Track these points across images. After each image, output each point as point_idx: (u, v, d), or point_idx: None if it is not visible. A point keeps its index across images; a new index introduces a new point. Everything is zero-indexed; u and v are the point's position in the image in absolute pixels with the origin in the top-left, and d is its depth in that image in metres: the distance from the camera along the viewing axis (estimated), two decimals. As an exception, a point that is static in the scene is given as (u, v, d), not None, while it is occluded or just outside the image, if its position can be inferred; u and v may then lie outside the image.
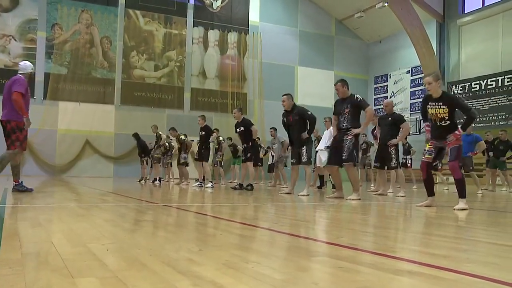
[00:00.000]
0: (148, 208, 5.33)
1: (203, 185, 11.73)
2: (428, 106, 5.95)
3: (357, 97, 7.46)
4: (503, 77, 20.24)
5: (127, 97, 22.31)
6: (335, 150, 7.60)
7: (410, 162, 13.97)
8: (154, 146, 14.66)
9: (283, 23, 25.85)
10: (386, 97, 25.77)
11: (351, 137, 7.37)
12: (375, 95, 26.88)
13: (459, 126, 5.83)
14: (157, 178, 13.92)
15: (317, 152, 11.55)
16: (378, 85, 26.86)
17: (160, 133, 14.62)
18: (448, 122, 5.81)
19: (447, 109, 5.76)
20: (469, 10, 22.62)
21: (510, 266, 2.20)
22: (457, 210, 5.55)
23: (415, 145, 16.52)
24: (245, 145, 10.49)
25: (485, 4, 21.81)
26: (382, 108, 9.61)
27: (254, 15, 25.18)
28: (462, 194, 5.79)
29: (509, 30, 20.35)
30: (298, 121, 8.64)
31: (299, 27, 26.27)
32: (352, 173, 7.57)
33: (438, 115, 5.82)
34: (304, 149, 8.60)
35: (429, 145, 6.07)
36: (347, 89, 7.61)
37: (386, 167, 9.23)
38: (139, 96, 22.56)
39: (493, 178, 13.03)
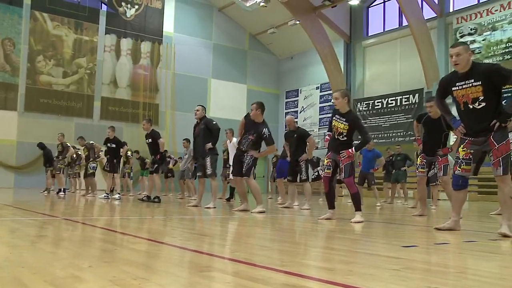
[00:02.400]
0: (46, 222, 5.11)
1: (109, 197, 11.41)
2: (334, 118, 6.25)
3: (264, 132, 7.55)
4: (401, 97, 21.76)
5: (32, 103, 21.15)
6: (238, 162, 7.74)
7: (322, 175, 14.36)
8: (58, 156, 14.02)
9: (197, 35, 25.91)
10: (296, 112, 26.70)
11: (251, 155, 7.56)
12: (286, 109, 27.65)
13: (353, 145, 6.15)
14: (62, 189, 13.31)
15: (228, 165, 11.69)
16: (289, 100, 27.67)
17: (68, 144, 14.00)
18: (345, 138, 6.11)
19: (348, 126, 6.08)
20: (372, 33, 24.11)
21: (383, 276, 2.38)
22: (353, 222, 5.80)
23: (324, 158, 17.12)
24: (153, 157, 10.40)
25: (386, 29, 23.41)
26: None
27: (168, 26, 25.00)
28: (358, 207, 6.11)
29: (405, 55, 21.94)
30: (204, 131, 8.68)
31: (214, 39, 26.46)
32: (252, 186, 7.70)
33: (339, 129, 6.11)
34: (208, 161, 8.63)
35: (326, 159, 6.34)
36: (261, 113, 7.69)
37: (298, 180, 9.48)
38: (45, 103, 21.47)
39: (393, 191, 13.80)
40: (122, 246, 3.26)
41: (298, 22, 23.12)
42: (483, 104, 4.50)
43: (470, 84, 4.54)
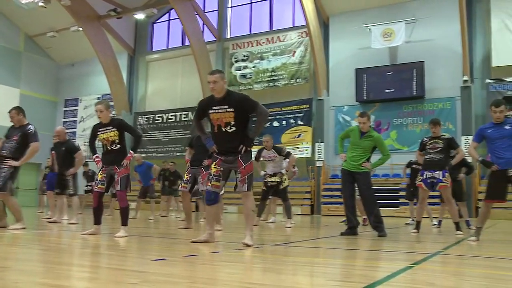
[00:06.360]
0: None
1: None
2: (99, 132, 6.24)
3: (30, 128, 7.15)
4: (180, 113, 22.74)
5: None
6: None
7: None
8: None
9: (-40, 28, 22.95)
10: (75, 121, 25.67)
11: (8, 166, 7.07)
12: (64, 118, 26.30)
13: (130, 150, 6.23)
14: None
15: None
16: (68, 109, 26.40)
17: None
18: (119, 145, 6.18)
19: (117, 132, 6.14)
20: (156, 48, 24.71)
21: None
22: (117, 237, 5.83)
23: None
24: None
25: (169, 46, 24.22)
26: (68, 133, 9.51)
27: None
28: (125, 222, 6.18)
29: (186, 73, 23.03)
30: None
31: (-18, 36, 23.78)
32: (10, 203, 7.13)
33: (110, 138, 6.13)
34: None
35: (100, 174, 6.28)
36: (23, 117, 7.29)
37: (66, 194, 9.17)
38: None
39: (167, 204, 14.25)
40: None
41: (80, 28, 22.31)
42: (234, 128, 5.12)
43: (225, 110, 5.11)
